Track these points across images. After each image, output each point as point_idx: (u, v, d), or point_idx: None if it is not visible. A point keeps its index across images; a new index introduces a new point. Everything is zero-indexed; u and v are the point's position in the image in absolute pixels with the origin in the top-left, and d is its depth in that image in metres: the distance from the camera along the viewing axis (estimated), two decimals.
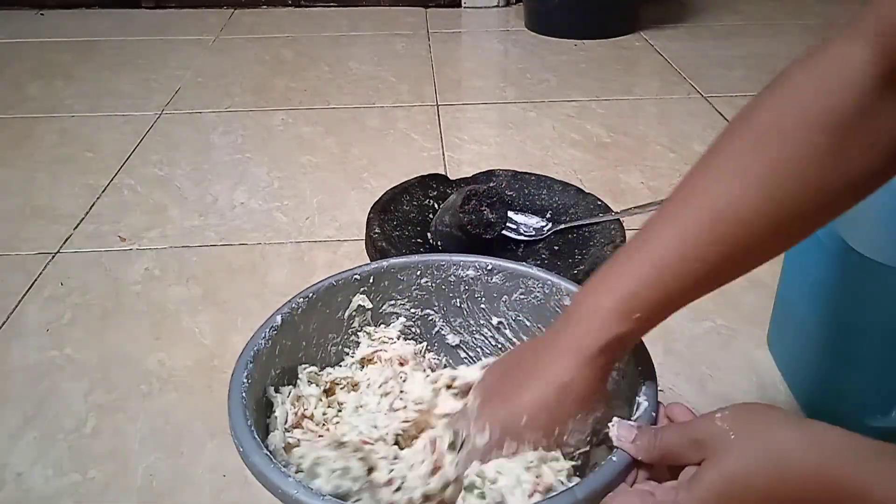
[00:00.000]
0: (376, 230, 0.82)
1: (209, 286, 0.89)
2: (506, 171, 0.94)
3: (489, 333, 0.62)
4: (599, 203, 0.88)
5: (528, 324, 0.60)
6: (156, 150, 1.23)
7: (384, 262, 0.60)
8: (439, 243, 0.82)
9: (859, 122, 0.41)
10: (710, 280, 0.46)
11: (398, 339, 0.60)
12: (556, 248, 0.83)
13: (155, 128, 1.31)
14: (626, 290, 0.45)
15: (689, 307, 0.80)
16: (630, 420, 0.46)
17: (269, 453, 0.45)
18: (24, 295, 0.87)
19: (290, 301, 0.56)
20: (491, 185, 0.90)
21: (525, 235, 0.86)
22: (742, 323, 0.81)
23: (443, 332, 0.62)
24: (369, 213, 0.86)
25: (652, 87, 1.52)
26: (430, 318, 0.62)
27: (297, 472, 0.47)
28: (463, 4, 2.00)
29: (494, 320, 0.61)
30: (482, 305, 0.61)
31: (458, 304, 0.61)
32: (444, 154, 1.20)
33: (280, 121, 1.34)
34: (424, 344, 0.61)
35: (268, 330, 0.54)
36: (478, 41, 1.84)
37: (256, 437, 0.45)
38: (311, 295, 0.57)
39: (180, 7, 2.00)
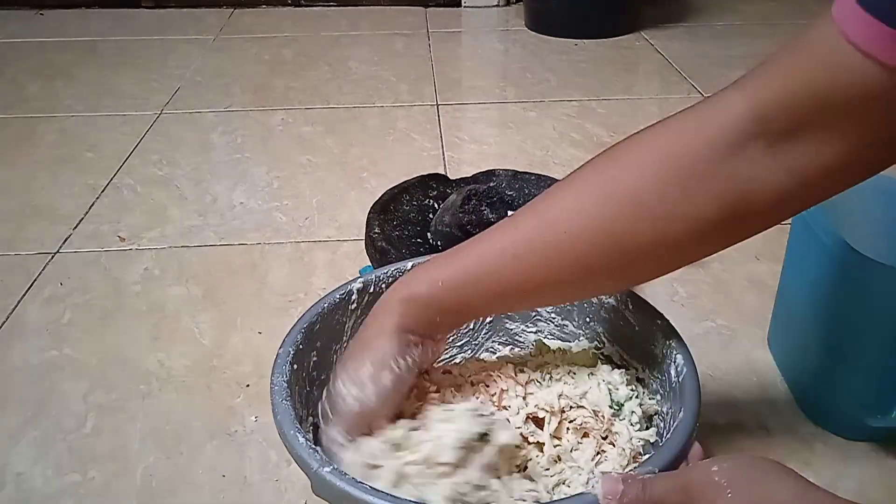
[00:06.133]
0: (376, 230, 0.82)
1: (209, 286, 0.89)
2: (506, 170, 0.94)
3: None
4: None
5: None
6: (155, 150, 1.23)
7: None
8: (439, 243, 0.82)
9: (714, 167, 0.42)
10: (522, 289, 0.48)
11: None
12: None
13: (154, 128, 1.31)
14: (445, 271, 0.49)
15: (690, 307, 0.80)
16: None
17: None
18: (24, 295, 0.87)
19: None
20: (491, 185, 0.89)
21: None
22: (742, 323, 0.81)
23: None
24: (369, 213, 0.86)
25: (652, 86, 1.52)
26: (568, 328, 0.64)
27: None
28: (463, 4, 1.99)
29: None
30: None
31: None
32: (444, 154, 1.20)
33: (280, 121, 1.34)
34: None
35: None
36: (478, 41, 1.84)
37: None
38: None
39: (180, 7, 1.99)
